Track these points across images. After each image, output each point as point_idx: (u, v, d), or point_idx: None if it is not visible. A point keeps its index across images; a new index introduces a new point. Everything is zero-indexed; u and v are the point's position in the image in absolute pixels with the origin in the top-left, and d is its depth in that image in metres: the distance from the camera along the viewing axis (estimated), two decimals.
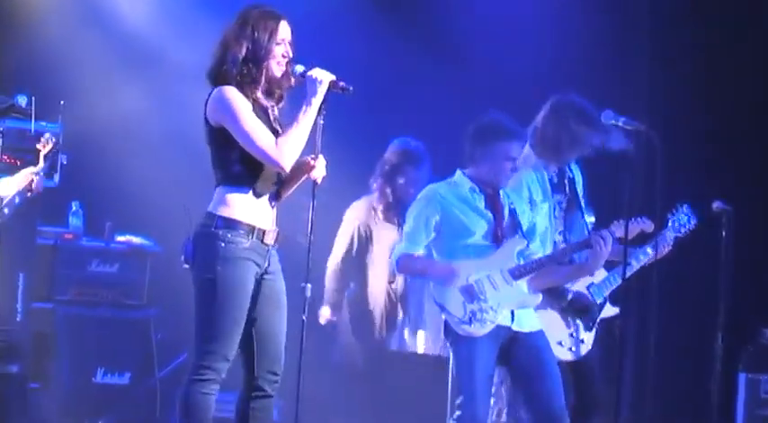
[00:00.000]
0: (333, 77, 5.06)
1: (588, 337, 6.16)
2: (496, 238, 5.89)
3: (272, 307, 5.07)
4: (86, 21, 8.17)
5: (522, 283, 5.89)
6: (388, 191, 7.34)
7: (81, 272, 7.83)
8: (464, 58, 8.23)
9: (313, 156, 5.10)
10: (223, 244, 4.95)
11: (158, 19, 8.28)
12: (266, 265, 5.06)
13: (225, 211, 4.99)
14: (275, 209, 5.09)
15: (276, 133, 5.05)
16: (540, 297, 5.94)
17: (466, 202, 5.91)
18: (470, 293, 5.78)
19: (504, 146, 5.85)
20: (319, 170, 5.08)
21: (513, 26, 8.19)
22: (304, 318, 5.00)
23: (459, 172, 6.00)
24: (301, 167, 5.09)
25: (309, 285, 5.04)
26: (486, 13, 8.24)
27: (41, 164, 6.95)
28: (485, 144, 5.88)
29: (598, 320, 6.17)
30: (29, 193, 6.98)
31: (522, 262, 5.89)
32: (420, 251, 5.89)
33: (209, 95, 5.04)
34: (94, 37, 8.17)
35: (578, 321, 6.14)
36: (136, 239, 8.00)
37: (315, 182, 5.08)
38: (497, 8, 8.24)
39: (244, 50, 4.98)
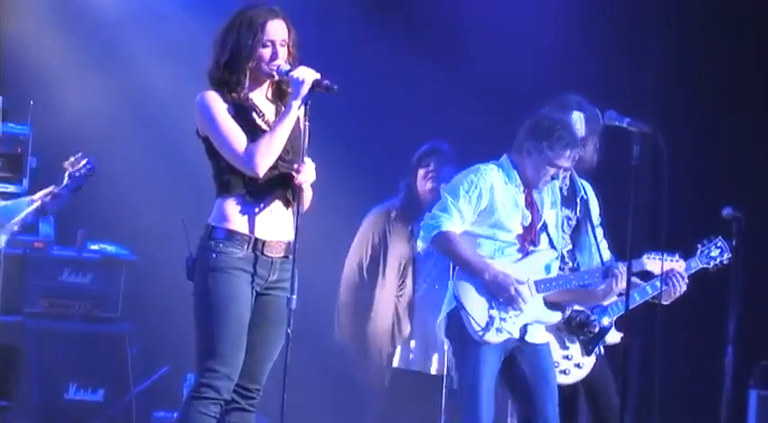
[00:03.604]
0: (317, 76, 4.89)
1: (587, 362, 6.01)
2: (526, 242, 5.78)
3: (266, 323, 4.94)
4: (56, 16, 8.09)
5: (541, 297, 5.79)
6: (411, 184, 7.25)
7: (51, 282, 7.70)
8: (465, 59, 8.19)
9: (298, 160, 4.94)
10: (215, 255, 4.84)
11: (133, 14, 8.20)
12: (271, 277, 4.91)
13: (220, 222, 4.88)
14: (287, 218, 4.93)
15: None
16: (559, 315, 5.83)
17: (511, 196, 5.78)
18: (491, 298, 5.68)
19: (555, 152, 5.71)
20: (306, 174, 4.91)
21: (516, 26, 8.13)
22: (289, 331, 4.86)
23: (506, 157, 5.86)
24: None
25: (294, 297, 4.88)
26: (489, 13, 8.19)
27: (65, 182, 6.66)
28: (537, 141, 5.74)
29: (601, 346, 6.04)
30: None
31: (548, 275, 5.81)
32: (460, 231, 5.71)
33: None
34: (65, 33, 8.10)
35: (576, 344, 5.99)
36: (110, 248, 7.86)
37: (300, 187, 4.90)
38: (500, 7, 8.19)
39: (227, 53, 4.88)
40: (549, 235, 5.85)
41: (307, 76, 4.84)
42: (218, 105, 4.85)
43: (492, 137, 7.89)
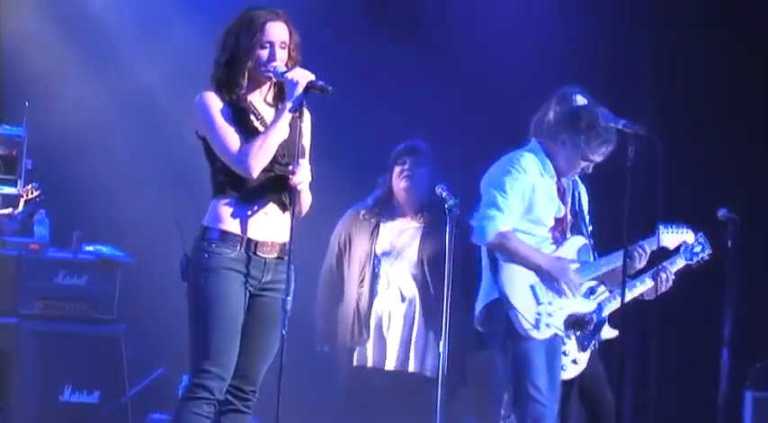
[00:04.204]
0: (311, 77, 4.89)
1: (583, 358, 5.99)
2: (557, 232, 5.76)
3: (261, 324, 4.94)
4: (52, 17, 8.08)
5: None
6: (387, 181, 7.19)
7: (47, 284, 7.63)
8: (459, 60, 8.17)
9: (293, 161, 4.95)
10: (207, 255, 4.86)
11: (129, 17, 8.19)
12: (265, 278, 4.92)
13: (213, 223, 4.90)
14: (282, 220, 4.92)
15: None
16: (594, 304, 5.81)
17: (548, 190, 5.75)
18: (536, 294, 5.66)
19: (591, 148, 5.67)
20: (300, 175, 4.91)
21: (511, 26, 8.14)
22: (284, 332, 4.85)
23: (537, 144, 5.80)
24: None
25: (290, 299, 4.88)
26: (482, 13, 8.19)
27: (20, 208, 6.94)
28: (574, 134, 5.69)
29: (595, 341, 6.01)
30: None
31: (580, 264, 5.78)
32: (511, 228, 5.67)
33: None
34: (61, 36, 8.09)
35: (572, 340, 5.95)
36: (105, 249, 7.80)
37: (295, 188, 4.90)
38: (495, 7, 8.19)
39: (227, 53, 4.91)
40: (576, 221, 5.85)
41: (301, 77, 4.84)
42: (215, 106, 4.87)
43: (489, 135, 7.92)
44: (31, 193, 6.94)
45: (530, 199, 5.71)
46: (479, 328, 5.88)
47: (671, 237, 5.98)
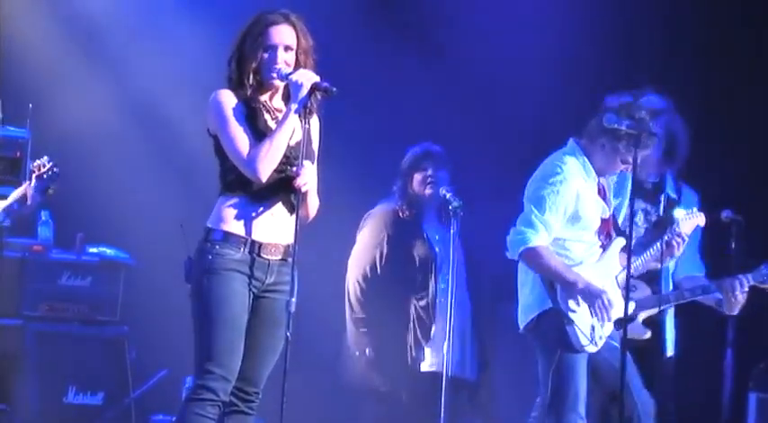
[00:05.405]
0: (316, 79, 4.89)
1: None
2: (602, 236, 5.72)
3: (264, 325, 4.95)
4: (55, 19, 8.09)
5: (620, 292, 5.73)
6: (406, 188, 7.20)
7: (51, 286, 7.68)
8: (464, 60, 8.16)
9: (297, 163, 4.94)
10: (210, 257, 4.87)
11: (132, 16, 8.19)
12: (268, 280, 4.93)
13: (218, 224, 4.91)
14: (287, 221, 4.93)
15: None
16: (633, 305, 5.75)
17: (592, 194, 5.70)
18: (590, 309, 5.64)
19: (631, 152, 5.60)
20: (304, 178, 4.90)
21: (517, 27, 8.11)
22: (288, 334, 4.85)
23: (575, 145, 5.75)
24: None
25: (294, 300, 4.88)
26: (489, 14, 8.17)
27: (33, 182, 6.82)
28: (614, 139, 5.65)
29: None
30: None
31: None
32: (548, 242, 5.62)
33: None
34: (64, 36, 8.09)
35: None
36: (109, 251, 7.85)
37: (299, 190, 4.88)
38: (497, 8, 8.17)
39: (236, 55, 4.94)
40: (615, 221, 5.83)
41: (305, 79, 4.84)
42: (229, 104, 4.88)
43: (491, 137, 7.91)
44: (43, 166, 6.78)
45: (575, 208, 5.67)
46: (526, 334, 5.84)
47: (686, 222, 5.96)
